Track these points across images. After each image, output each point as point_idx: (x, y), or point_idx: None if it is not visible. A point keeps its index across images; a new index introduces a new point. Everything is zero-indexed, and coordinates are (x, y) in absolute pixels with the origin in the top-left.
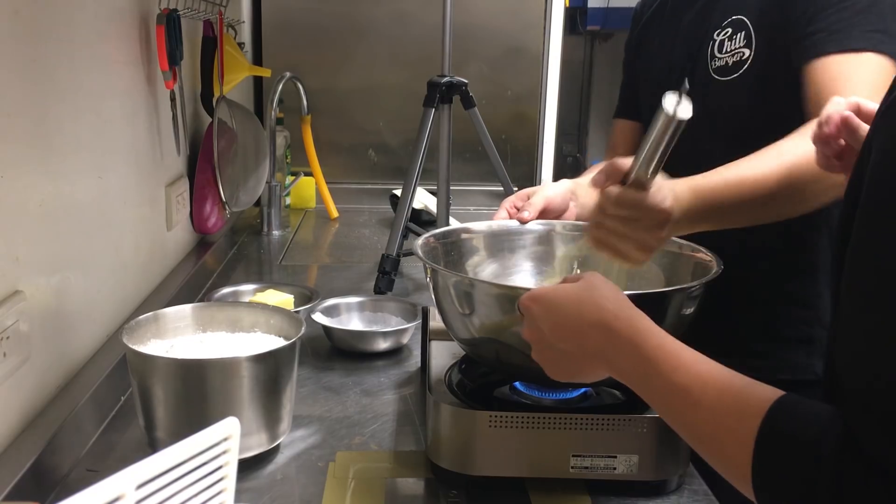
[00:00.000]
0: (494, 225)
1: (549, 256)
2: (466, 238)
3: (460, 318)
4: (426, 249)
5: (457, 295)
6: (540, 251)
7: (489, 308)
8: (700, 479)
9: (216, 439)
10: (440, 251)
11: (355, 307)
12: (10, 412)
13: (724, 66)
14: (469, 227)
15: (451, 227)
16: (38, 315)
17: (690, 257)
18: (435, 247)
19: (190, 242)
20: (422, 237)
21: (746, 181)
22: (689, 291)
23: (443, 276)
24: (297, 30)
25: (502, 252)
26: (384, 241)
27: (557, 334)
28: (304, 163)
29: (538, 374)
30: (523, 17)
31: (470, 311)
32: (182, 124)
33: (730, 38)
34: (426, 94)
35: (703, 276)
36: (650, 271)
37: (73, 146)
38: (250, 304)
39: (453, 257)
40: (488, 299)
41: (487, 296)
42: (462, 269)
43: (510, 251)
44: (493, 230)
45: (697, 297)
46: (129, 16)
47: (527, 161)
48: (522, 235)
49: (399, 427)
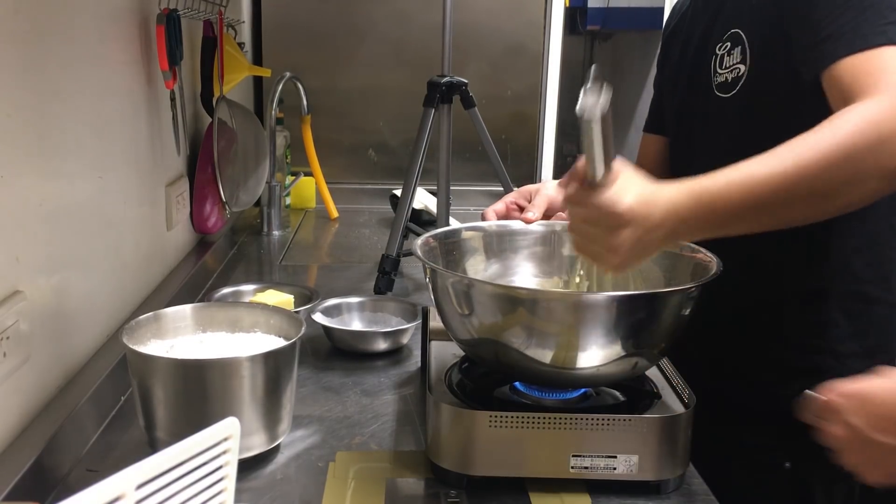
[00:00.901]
0: (495, 225)
1: (550, 257)
2: (466, 238)
3: (459, 319)
4: (425, 250)
5: (456, 295)
6: (540, 252)
7: (488, 308)
8: (700, 479)
9: (216, 439)
10: (440, 251)
11: (355, 307)
12: (10, 412)
13: (724, 83)
14: (469, 227)
15: (451, 227)
16: (38, 315)
17: (690, 258)
18: (434, 247)
19: (190, 242)
20: (421, 237)
21: (756, 178)
22: (688, 293)
23: (442, 277)
24: (297, 30)
25: (504, 252)
26: (384, 241)
27: (878, 425)
28: (304, 163)
29: (537, 374)
30: (523, 16)
31: (469, 312)
32: (182, 124)
33: (728, 53)
34: (426, 94)
35: (703, 276)
36: (651, 271)
37: (73, 146)
38: (250, 304)
39: (454, 257)
40: (488, 300)
41: (487, 296)
42: (462, 269)
43: (511, 252)
44: (494, 230)
45: (695, 297)
46: (129, 16)
47: (527, 161)
48: (523, 236)
49: (399, 427)
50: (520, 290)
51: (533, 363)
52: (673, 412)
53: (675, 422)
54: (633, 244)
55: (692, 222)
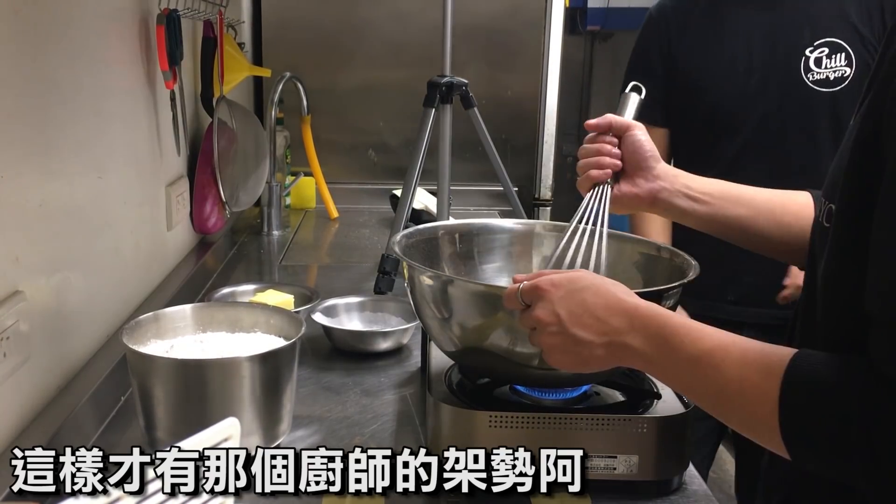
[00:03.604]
0: (475, 224)
1: (528, 256)
2: (443, 235)
3: (439, 323)
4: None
5: (433, 297)
6: (518, 251)
7: (469, 310)
8: (700, 479)
9: (216, 439)
10: (417, 253)
11: (355, 307)
12: (10, 412)
13: (824, 80)
14: (444, 225)
15: (424, 226)
16: (38, 315)
17: (669, 260)
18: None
19: (190, 242)
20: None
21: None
22: (669, 292)
23: (420, 276)
24: (297, 30)
25: (480, 252)
26: (384, 241)
27: (577, 320)
28: (304, 163)
29: (525, 377)
30: (523, 17)
31: (448, 315)
32: (182, 124)
33: (828, 57)
34: (426, 94)
35: (681, 278)
36: (628, 273)
37: (72, 146)
38: (250, 304)
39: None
40: (470, 299)
41: (468, 296)
42: (441, 269)
43: (486, 251)
44: (471, 229)
45: (674, 296)
46: (129, 16)
47: (527, 161)
48: (499, 235)
49: (399, 427)
50: (502, 289)
51: (519, 367)
52: (673, 412)
53: (675, 422)
54: None
55: None
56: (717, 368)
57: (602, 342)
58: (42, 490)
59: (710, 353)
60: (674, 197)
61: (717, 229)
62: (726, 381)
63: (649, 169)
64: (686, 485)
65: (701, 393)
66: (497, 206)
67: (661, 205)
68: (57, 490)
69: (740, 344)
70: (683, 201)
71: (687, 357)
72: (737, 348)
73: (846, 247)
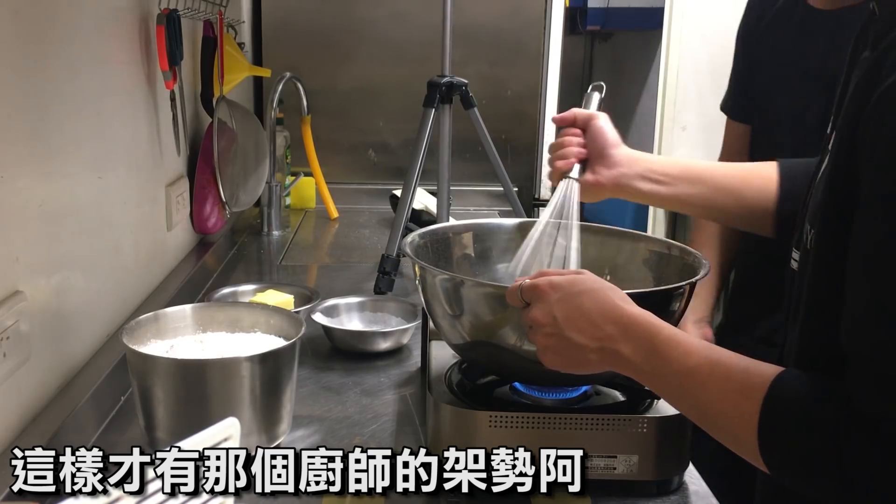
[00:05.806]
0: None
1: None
2: (456, 237)
3: (450, 320)
4: (415, 249)
5: (446, 295)
6: None
7: (480, 308)
8: (700, 479)
9: (216, 439)
10: (430, 252)
11: (355, 307)
12: (10, 412)
13: None
14: (458, 224)
15: (438, 226)
16: (38, 315)
17: (680, 258)
18: (423, 245)
19: (190, 242)
20: (410, 236)
21: None
22: (678, 291)
23: (431, 276)
24: (297, 30)
25: (489, 250)
26: (384, 241)
27: (572, 324)
28: (304, 163)
29: (533, 373)
30: (523, 17)
31: (460, 312)
32: (182, 124)
33: None
34: (426, 94)
35: (691, 277)
36: (638, 271)
37: (72, 146)
38: (250, 304)
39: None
40: (480, 299)
41: (478, 295)
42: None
43: (500, 251)
44: (480, 229)
45: (683, 294)
46: (129, 16)
47: (527, 161)
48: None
49: (399, 427)
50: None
51: (525, 361)
52: (673, 412)
53: (675, 421)
54: None
55: None
56: (702, 386)
57: (595, 347)
58: (42, 490)
59: (696, 370)
60: (634, 181)
61: (679, 208)
62: (710, 399)
63: (609, 156)
64: (686, 485)
65: (686, 408)
66: (497, 206)
67: (625, 189)
68: (57, 490)
69: (726, 362)
70: (644, 184)
71: (674, 371)
72: (721, 367)
73: (827, 273)
